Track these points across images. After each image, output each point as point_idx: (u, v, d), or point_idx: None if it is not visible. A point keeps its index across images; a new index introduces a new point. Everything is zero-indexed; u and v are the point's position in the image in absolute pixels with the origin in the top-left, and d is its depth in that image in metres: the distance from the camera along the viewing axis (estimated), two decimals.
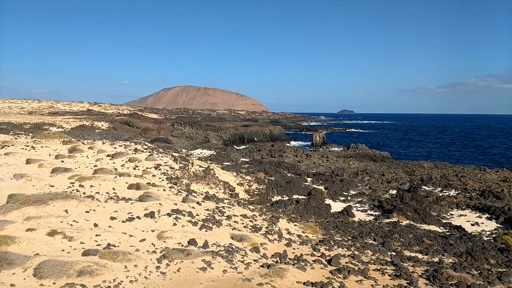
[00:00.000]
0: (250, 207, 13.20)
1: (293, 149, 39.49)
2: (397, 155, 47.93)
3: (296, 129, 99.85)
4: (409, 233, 12.54)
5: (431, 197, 19.46)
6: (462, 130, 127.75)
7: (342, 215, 15.36)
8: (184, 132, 49.43)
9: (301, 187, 19.81)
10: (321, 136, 56.34)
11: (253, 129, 63.13)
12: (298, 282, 6.63)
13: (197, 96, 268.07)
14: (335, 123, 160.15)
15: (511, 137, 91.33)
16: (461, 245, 11.48)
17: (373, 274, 7.58)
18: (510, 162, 44.85)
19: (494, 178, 25.40)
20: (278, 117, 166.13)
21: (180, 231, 8.44)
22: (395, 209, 15.95)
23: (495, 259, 10.29)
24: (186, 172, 16.10)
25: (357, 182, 23.06)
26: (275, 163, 27.66)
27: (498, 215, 16.17)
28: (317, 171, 26.59)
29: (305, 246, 9.20)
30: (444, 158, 46.04)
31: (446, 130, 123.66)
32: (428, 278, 7.63)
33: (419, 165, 30.90)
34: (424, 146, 67.28)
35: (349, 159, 33.79)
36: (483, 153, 57.21)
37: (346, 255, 8.73)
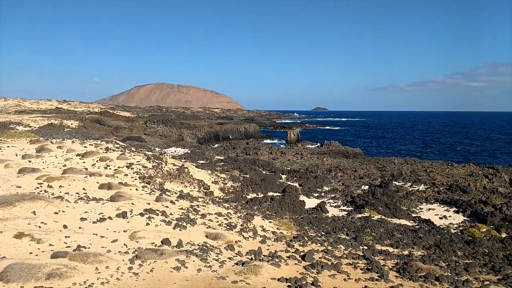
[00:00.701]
0: (225, 205, 13.18)
1: (268, 146, 39.66)
2: (369, 152, 48.99)
3: (271, 127, 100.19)
4: (380, 227, 12.86)
5: (401, 192, 20.01)
6: (430, 127, 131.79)
7: (316, 211, 15.57)
8: (158, 130, 48.72)
9: (276, 184, 19.93)
10: (295, 134, 56.83)
11: (228, 127, 62.96)
12: (272, 279, 6.68)
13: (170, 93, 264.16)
14: (310, 120, 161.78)
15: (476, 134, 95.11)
16: (430, 238, 11.88)
17: (346, 268, 7.73)
18: (475, 157, 46.69)
19: (461, 172, 26.38)
20: (253, 115, 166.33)
21: (153, 231, 8.33)
22: (367, 204, 16.30)
23: (462, 251, 10.71)
24: (159, 171, 15.88)
25: (331, 179, 23.42)
26: (250, 160, 27.71)
27: (465, 208, 16.82)
28: (291, 168, 26.81)
29: (279, 243, 9.28)
30: (414, 154, 47.44)
31: (414, 126, 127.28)
32: (399, 270, 7.85)
33: (390, 161, 31.69)
34: (394, 142, 69.05)
35: (323, 156, 34.25)
36: (449, 148, 59.29)
37: (319, 251, 8.86)
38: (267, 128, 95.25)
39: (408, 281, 7.30)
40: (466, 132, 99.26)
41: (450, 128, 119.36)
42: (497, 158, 47.33)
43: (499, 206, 16.76)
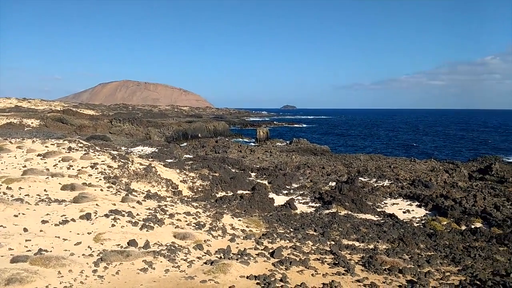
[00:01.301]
0: (194, 204, 13.07)
1: (237, 144, 39.63)
2: (336, 149, 49.97)
3: (240, 125, 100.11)
4: (347, 223, 13.16)
5: (367, 188, 20.56)
6: (393, 124, 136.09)
7: (285, 208, 15.72)
8: (124, 129, 47.56)
9: (245, 182, 19.96)
10: (264, 132, 57.11)
11: (196, 125, 62.36)
12: (241, 276, 6.70)
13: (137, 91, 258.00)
14: (279, 118, 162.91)
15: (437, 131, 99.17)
16: (394, 232, 12.27)
17: (314, 263, 7.86)
18: (436, 153, 48.66)
19: (423, 168, 27.43)
20: (222, 112, 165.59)
21: (119, 232, 8.13)
22: (334, 200, 16.63)
23: (424, 244, 11.13)
24: (125, 171, 15.52)
25: (299, 176, 23.71)
26: (220, 159, 27.59)
27: (427, 202, 17.51)
28: (261, 166, 26.93)
29: (248, 241, 9.30)
30: (378, 150, 48.86)
31: (378, 125, 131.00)
32: (364, 264, 8.07)
33: (356, 157, 32.48)
34: (360, 140, 70.83)
35: (292, 153, 34.63)
36: (411, 145, 61.50)
37: (288, 247, 8.96)
38: (236, 126, 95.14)
39: (373, 274, 7.52)
40: (427, 129, 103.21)
41: (412, 126, 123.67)
42: (456, 153, 49.55)
43: (459, 199, 17.56)
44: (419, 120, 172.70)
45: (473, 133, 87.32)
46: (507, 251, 11.31)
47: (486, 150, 50.85)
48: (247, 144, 42.98)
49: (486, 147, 57.83)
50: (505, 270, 8.38)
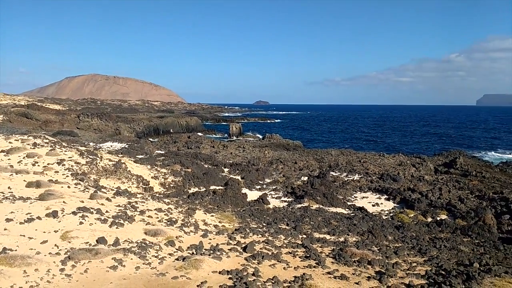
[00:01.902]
0: (166, 200, 12.90)
1: (210, 140, 39.37)
2: (308, 144, 50.58)
3: (213, 120, 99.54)
4: (318, 216, 13.37)
5: (338, 182, 20.95)
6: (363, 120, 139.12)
7: (258, 203, 15.79)
8: (92, 124, 46.24)
9: (218, 177, 19.89)
10: (237, 127, 57.03)
11: (168, 120, 61.44)
12: (213, 272, 6.68)
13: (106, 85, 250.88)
14: (251, 113, 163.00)
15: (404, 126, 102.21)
16: (363, 225, 12.57)
17: (285, 257, 7.95)
18: (403, 148, 50.16)
19: (391, 162, 28.21)
20: (195, 108, 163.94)
21: (87, 230, 7.93)
22: (306, 194, 16.85)
23: (392, 236, 11.47)
24: (94, 167, 15.12)
25: (272, 171, 23.85)
26: (192, 154, 27.33)
27: (395, 195, 18.03)
28: (234, 161, 26.89)
29: (221, 236, 9.29)
30: (349, 145, 49.86)
31: (349, 121, 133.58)
32: (335, 256, 8.23)
33: (327, 152, 32.98)
34: (331, 135, 72.02)
35: (265, 148, 34.75)
36: (380, 140, 63.15)
37: (260, 241, 9.01)
38: (209, 122, 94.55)
39: (343, 266, 7.68)
40: (395, 125, 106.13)
41: (381, 121, 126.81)
42: (423, 148, 51.26)
43: (425, 192, 18.20)
44: (387, 115, 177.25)
45: (438, 129, 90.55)
46: (470, 241, 11.84)
47: (451, 145, 52.89)
48: (220, 140, 42.79)
49: (451, 142, 60.14)
50: (468, 260, 8.77)
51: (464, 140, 63.43)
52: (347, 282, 6.79)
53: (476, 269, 7.60)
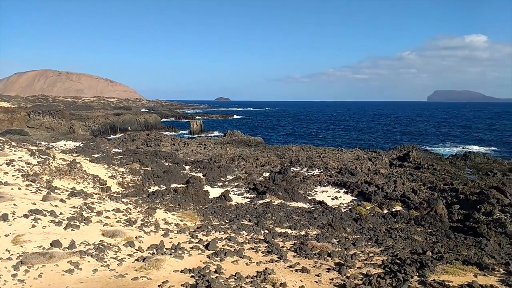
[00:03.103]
0: (124, 200, 12.54)
1: (170, 137, 38.67)
2: (269, 140, 50.99)
3: (173, 117, 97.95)
4: (280, 211, 13.53)
5: (298, 177, 21.30)
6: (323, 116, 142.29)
7: (220, 200, 15.73)
8: (44, 123, 43.99)
9: (179, 175, 19.59)
10: (198, 124, 56.43)
11: (126, 117, 59.64)
12: (175, 271, 6.58)
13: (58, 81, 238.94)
14: (212, 110, 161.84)
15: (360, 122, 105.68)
16: (323, 218, 12.88)
17: (248, 253, 7.97)
18: (360, 143, 51.83)
19: (349, 157, 29.06)
20: (154, 104, 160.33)
21: (40, 233, 7.54)
22: (268, 190, 16.99)
23: (351, 228, 11.83)
24: (46, 167, 14.39)
25: (234, 167, 23.83)
26: (151, 152, 26.73)
27: (353, 189, 18.60)
28: (195, 159, 26.60)
29: (183, 234, 9.16)
30: (309, 141, 50.82)
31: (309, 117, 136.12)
32: (296, 250, 8.37)
33: (288, 148, 33.41)
34: (292, 131, 73.08)
35: (226, 145, 34.63)
36: (339, 135, 64.93)
37: (223, 238, 8.98)
38: (169, 119, 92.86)
39: (304, 259, 7.83)
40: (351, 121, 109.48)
41: (338, 117, 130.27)
42: (378, 142, 53.22)
43: (381, 185, 18.91)
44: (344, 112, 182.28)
45: (392, 124, 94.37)
46: (423, 231, 12.46)
47: (405, 139, 55.27)
48: (181, 137, 42.16)
49: (404, 136, 62.86)
50: (422, 248, 9.22)
51: (416, 134, 66.55)
52: (308, 274, 6.92)
53: (429, 257, 8.00)
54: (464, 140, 56.16)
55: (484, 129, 77.26)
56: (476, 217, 13.77)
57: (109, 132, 51.84)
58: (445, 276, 6.74)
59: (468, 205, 15.71)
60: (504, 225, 12.84)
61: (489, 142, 52.99)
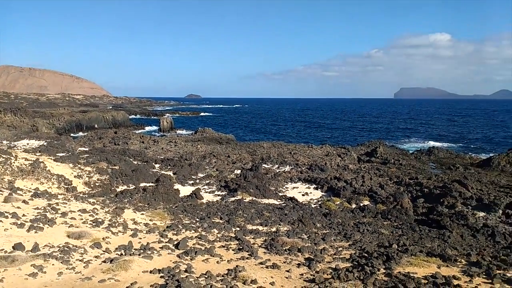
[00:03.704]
0: (91, 200, 12.20)
1: (139, 135, 37.93)
2: (240, 137, 51.01)
3: (142, 114, 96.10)
4: (251, 208, 13.57)
5: (270, 174, 21.42)
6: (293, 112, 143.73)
7: (191, 198, 15.58)
8: (5, 121, 42.02)
9: (149, 174, 19.25)
10: (168, 121, 55.61)
11: (92, 115, 57.92)
12: (144, 272, 6.47)
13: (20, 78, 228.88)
14: (183, 107, 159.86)
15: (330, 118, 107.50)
16: (294, 214, 13.02)
17: (219, 251, 7.95)
18: (330, 139, 52.75)
19: (319, 153, 29.50)
20: (122, 101, 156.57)
21: (2, 236, 7.23)
22: (239, 187, 17.00)
23: (320, 223, 12.03)
24: (8, 167, 13.78)
25: (205, 165, 23.66)
26: (120, 151, 26.10)
27: (322, 185, 18.90)
28: (165, 157, 26.19)
29: (152, 234, 9.02)
30: (280, 137, 51.20)
31: (279, 114, 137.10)
32: (267, 247, 8.43)
33: (259, 145, 33.53)
34: (264, 127, 73.40)
35: (197, 143, 34.34)
36: (309, 132, 65.81)
37: (194, 237, 8.91)
38: (137, 116, 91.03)
39: (275, 256, 7.89)
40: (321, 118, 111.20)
41: (311, 113, 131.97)
42: (347, 139, 54.35)
43: (350, 181, 19.32)
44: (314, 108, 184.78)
45: (360, 120, 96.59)
46: (390, 224, 12.84)
47: (372, 135, 56.71)
48: (150, 135, 41.42)
49: (372, 132, 64.50)
50: (388, 241, 9.50)
51: (383, 130, 68.43)
52: (279, 270, 6.98)
53: (395, 250, 8.26)
54: (428, 135, 58.27)
55: (447, 125, 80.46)
56: (439, 210, 14.33)
57: (74, 130, 50.26)
58: (410, 268, 6.98)
59: (432, 198, 16.33)
60: (466, 217, 13.44)
61: (452, 138, 55.27)
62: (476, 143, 49.84)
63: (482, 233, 11.74)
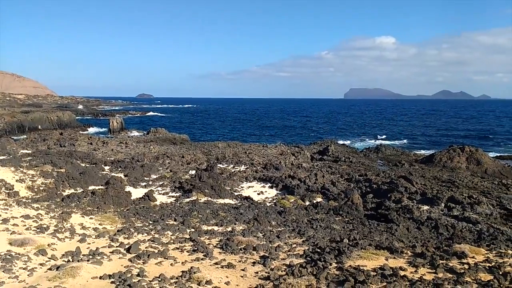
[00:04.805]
0: (35, 205, 11.50)
1: (87, 136, 36.30)
2: (195, 137, 50.39)
3: (90, 115, 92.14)
4: (206, 209, 13.45)
5: (225, 174, 21.36)
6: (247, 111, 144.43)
7: (144, 200, 15.16)
8: None
9: (98, 176, 18.47)
10: (118, 121, 53.66)
11: (35, 115, 54.59)
12: (93, 278, 6.20)
13: None
14: (134, 107, 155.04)
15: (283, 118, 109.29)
16: (249, 213, 13.08)
17: (173, 253, 7.80)
18: (285, 138, 53.59)
19: (273, 152, 29.87)
20: (68, 101, 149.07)
21: None
22: (194, 188, 16.78)
23: (275, 221, 12.18)
24: None
25: (158, 166, 23.12)
26: (66, 153, 24.83)
27: (277, 183, 19.15)
28: (115, 158, 25.27)
29: (102, 239, 8.67)
30: (236, 137, 51.23)
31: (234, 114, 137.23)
32: (222, 247, 8.39)
33: (214, 145, 33.34)
34: (218, 127, 73.08)
35: (150, 143, 33.48)
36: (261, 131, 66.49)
37: (146, 240, 8.67)
38: (85, 116, 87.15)
39: (230, 255, 7.88)
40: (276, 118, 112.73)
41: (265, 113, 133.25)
42: (301, 138, 55.49)
43: (304, 179, 19.74)
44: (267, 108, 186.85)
45: (314, 120, 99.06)
46: (341, 220, 13.28)
47: (324, 134, 58.34)
48: (99, 136, 39.80)
49: (324, 131, 66.35)
50: (339, 236, 9.81)
51: (335, 129, 70.65)
52: (234, 270, 6.98)
53: (345, 244, 8.54)
54: (376, 134, 60.90)
55: (393, 124, 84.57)
56: (387, 205, 15.03)
57: (16, 132, 47.16)
58: (360, 261, 7.26)
59: (380, 194, 17.11)
60: (411, 211, 14.21)
61: (398, 136, 58.20)
62: (419, 140, 52.88)
63: (426, 226, 12.49)
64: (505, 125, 78.00)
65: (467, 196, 16.46)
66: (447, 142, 45.72)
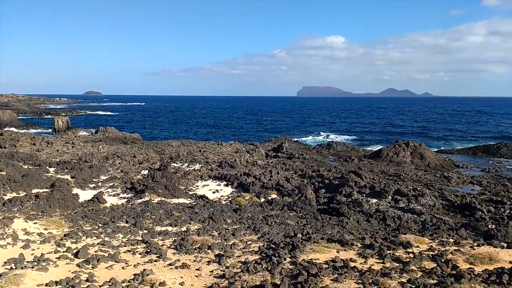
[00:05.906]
0: None
1: (30, 136, 34.16)
2: (147, 136, 49.10)
3: (33, 114, 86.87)
4: (160, 209, 13.15)
5: (179, 173, 21.01)
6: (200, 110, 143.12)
7: (93, 203, 14.53)
8: None
9: (42, 179, 17.43)
10: (64, 121, 50.97)
11: None
12: (39, 285, 5.86)
13: None
14: (81, 105, 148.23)
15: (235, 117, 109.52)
16: (204, 212, 12.97)
17: (124, 256, 7.56)
18: (240, 136, 53.71)
19: (228, 150, 29.83)
20: (8, 99, 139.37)
21: None
22: (147, 188, 16.35)
23: (231, 219, 12.17)
24: None
25: (108, 167, 22.26)
26: (6, 154, 23.22)
27: (233, 181, 19.15)
28: (61, 160, 24.00)
29: (47, 244, 8.21)
30: (190, 135, 50.56)
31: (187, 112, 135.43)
32: (176, 247, 8.25)
33: (168, 144, 32.69)
34: (172, 125, 71.73)
35: (98, 143, 32.16)
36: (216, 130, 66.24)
37: (96, 244, 8.34)
38: (27, 115, 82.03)
39: (185, 255, 7.77)
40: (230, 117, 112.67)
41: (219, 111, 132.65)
42: (255, 135, 55.90)
43: (259, 176, 19.90)
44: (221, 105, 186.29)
45: (267, 118, 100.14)
46: (295, 215, 13.55)
47: (278, 132, 59.15)
48: (43, 136, 37.62)
49: (278, 129, 67.28)
50: (293, 231, 10.01)
51: (288, 126, 71.89)
52: (189, 270, 6.90)
53: (299, 239, 8.73)
54: (327, 130, 62.73)
55: (343, 121, 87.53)
56: (338, 199, 15.54)
57: None
58: (312, 255, 7.45)
59: (332, 188, 17.66)
60: (361, 204, 14.80)
61: (348, 132, 60.33)
62: (368, 136, 55.17)
63: (375, 218, 13.07)
64: (446, 121, 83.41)
65: (412, 188, 17.43)
66: (393, 138, 48.06)
